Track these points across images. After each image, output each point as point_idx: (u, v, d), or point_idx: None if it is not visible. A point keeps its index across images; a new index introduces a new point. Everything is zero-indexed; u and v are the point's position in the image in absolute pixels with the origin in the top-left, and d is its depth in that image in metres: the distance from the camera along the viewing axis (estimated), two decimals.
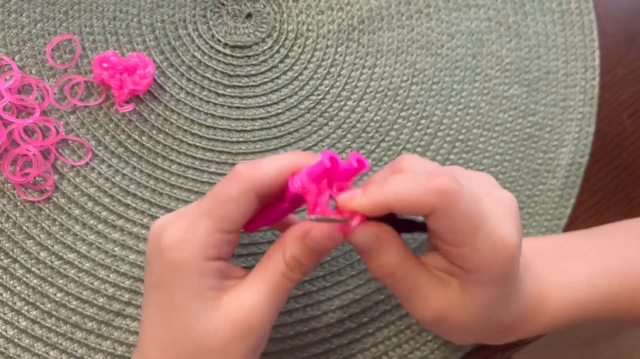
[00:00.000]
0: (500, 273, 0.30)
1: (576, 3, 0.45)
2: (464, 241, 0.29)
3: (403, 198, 0.28)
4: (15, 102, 0.38)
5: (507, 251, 0.30)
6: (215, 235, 0.30)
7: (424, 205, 0.28)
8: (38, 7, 0.40)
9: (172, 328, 0.30)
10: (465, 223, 0.29)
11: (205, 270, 0.30)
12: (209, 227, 0.30)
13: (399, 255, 0.31)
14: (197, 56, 0.41)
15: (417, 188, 0.28)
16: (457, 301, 0.31)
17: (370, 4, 0.43)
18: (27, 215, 0.38)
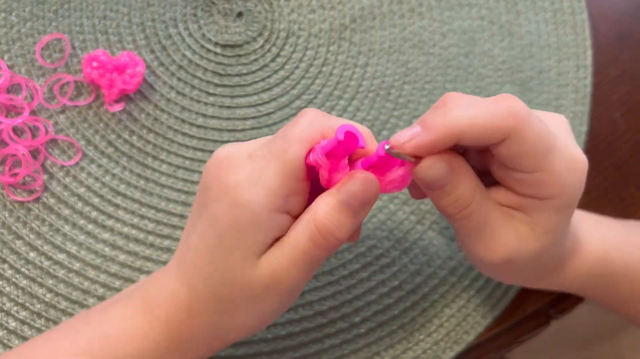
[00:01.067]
0: (577, 193, 0.29)
1: (569, 2, 0.45)
2: (540, 164, 0.27)
3: (476, 123, 0.26)
4: (4, 102, 0.38)
5: (581, 168, 0.29)
6: (285, 183, 0.27)
7: (498, 128, 0.26)
8: (27, 6, 0.40)
9: (218, 267, 0.29)
10: (540, 144, 0.27)
11: (268, 223, 0.28)
12: (279, 172, 0.27)
13: (474, 184, 0.28)
14: (188, 55, 0.41)
15: (489, 111, 0.26)
16: (527, 235, 0.30)
17: (362, 2, 0.43)
18: (17, 215, 0.38)
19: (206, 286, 0.29)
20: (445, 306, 0.40)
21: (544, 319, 0.42)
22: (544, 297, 0.42)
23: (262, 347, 0.39)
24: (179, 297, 0.30)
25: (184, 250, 0.31)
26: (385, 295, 0.40)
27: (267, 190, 0.27)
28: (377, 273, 0.40)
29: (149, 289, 0.31)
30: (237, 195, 0.27)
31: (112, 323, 0.31)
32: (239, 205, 0.27)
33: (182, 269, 0.30)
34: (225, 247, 0.28)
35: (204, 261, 0.29)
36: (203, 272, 0.29)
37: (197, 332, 0.30)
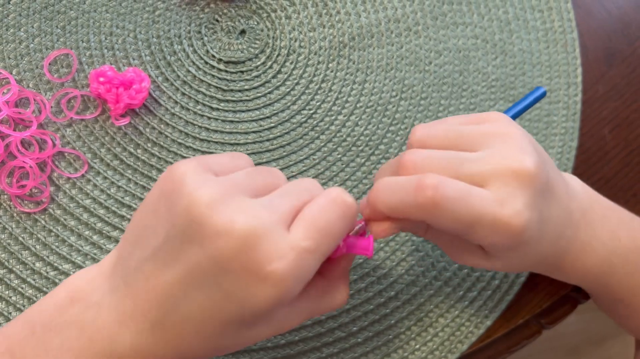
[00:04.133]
0: (511, 247, 0.31)
1: (559, 22, 0.47)
2: (464, 234, 0.31)
3: (396, 211, 0.31)
4: (13, 115, 0.39)
5: (512, 231, 0.30)
6: (317, 267, 0.28)
7: (415, 218, 0.31)
8: (36, 22, 0.41)
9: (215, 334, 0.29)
10: (458, 225, 0.30)
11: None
12: (318, 265, 0.28)
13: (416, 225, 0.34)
14: (192, 71, 0.42)
15: (405, 201, 0.30)
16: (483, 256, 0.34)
17: (360, 21, 0.44)
18: (23, 226, 0.39)
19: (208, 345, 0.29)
20: (440, 316, 0.41)
21: (536, 329, 0.43)
22: (536, 307, 0.43)
23: (262, 356, 0.40)
24: (152, 353, 0.29)
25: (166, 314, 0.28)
26: (382, 305, 0.41)
27: (305, 281, 0.28)
28: (374, 284, 0.41)
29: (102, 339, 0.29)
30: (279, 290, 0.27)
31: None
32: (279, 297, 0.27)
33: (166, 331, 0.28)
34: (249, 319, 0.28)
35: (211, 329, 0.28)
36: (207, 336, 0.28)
37: None
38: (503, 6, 0.46)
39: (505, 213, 0.30)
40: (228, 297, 0.27)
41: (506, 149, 0.31)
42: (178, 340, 0.28)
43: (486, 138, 0.31)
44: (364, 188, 0.42)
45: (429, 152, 0.32)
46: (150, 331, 0.28)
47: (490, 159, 0.30)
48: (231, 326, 0.28)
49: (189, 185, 0.27)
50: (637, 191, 0.46)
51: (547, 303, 0.43)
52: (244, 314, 0.28)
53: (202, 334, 0.28)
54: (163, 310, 0.28)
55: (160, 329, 0.28)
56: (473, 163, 0.30)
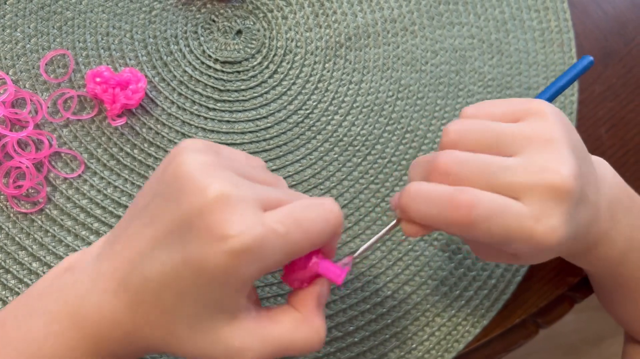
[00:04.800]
0: (543, 256, 0.32)
1: (556, 21, 0.47)
2: (497, 245, 0.31)
3: (428, 222, 0.30)
4: (9, 116, 0.39)
5: (546, 246, 0.29)
6: (273, 269, 0.27)
7: (448, 232, 0.31)
8: (32, 22, 0.41)
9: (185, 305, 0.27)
10: (492, 240, 0.30)
11: (245, 296, 0.28)
12: (281, 260, 0.27)
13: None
14: (188, 71, 0.42)
15: (439, 216, 0.29)
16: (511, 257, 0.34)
17: (357, 21, 0.44)
18: (20, 226, 0.39)
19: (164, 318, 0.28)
20: (436, 315, 0.41)
21: (533, 328, 0.43)
22: (532, 307, 0.43)
23: None
24: (119, 318, 0.28)
25: (129, 268, 0.28)
26: (379, 304, 0.41)
27: (263, 271, 0.27)
28: (370, 283, 0.41)
29: (76, 303, 0.29)
30: (238, 264, 0.26)
31: (37, 343, 0.29)
32: (237, 273, 0.26)
33: (128, 292, 0.28)
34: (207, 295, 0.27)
35: (170, 297, 0.27)
36: (165, 305, 0.27)
37: (132, 349, 0.29)
38: (499, 6, 0.46)
39: (541, 229, 0.29)
40: (186, 261, 0.26)
41: (545, 158, 0.29)
42: (137, 307, 0.28)
43: (525, 142, 0.30)
44: (361, 187, 0.43)
45: (464, 156, 0.30)
46: (114, 292, 0.28)
47: (527, 169, 0.29)
48: (187, 302, 0.27)
49: (188, 151, 0.28)
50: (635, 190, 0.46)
51: (544, 303, 0.43)
52: (200, 288, 0.26)
53: (160, 306, 0.27)
54: (129, 269, 0.28)
55: (123, 291, 0.28)
56: (509, 172, 0.29)
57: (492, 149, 0.30)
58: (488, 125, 0.31)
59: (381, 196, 0.43)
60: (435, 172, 0.30)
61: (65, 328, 0.29)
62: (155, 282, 0.27)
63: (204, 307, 0.27)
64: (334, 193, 0.42)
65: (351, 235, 0.42)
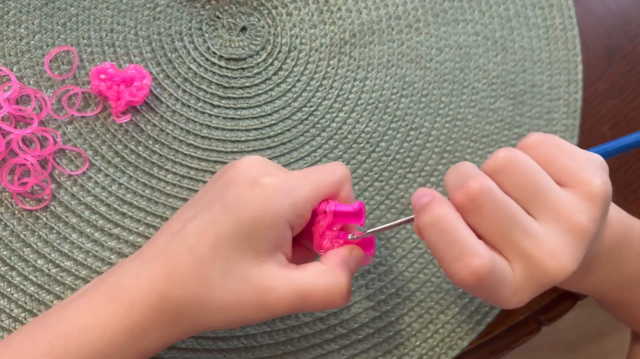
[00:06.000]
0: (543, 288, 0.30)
1: (560, 19, 0.47)
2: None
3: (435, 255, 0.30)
4: (14, 113, 0.39)
5: (555, 281, 0.29)
6: (307, 207, 0.32)
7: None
8: (36, 19, 0.41)
9: (222, 252, 0.30)
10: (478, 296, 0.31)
11: (282, 232, 0.31)
12: (309, 194, 0.32)
13: None
14: (193, 68, 0.42)
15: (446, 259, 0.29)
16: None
17: (361, 18, 0.44)
18: (25, 223, 0.39)
19: (195, 268, 0.30)
20: (440, 312, 0.42)
21: (535, 326, 0.43)
22: (535, 305, 0.43)
23: (264, 352, 0.40)
24: (153, 279, 0.30)
25: (171, 237, 0.31)
26: (383, 302, 0.41)
27: (294, 203, 0.31)
28: (375, 281, 0.41)
29: (116, 277, 0.31)
30: (268, 195, 0.30)
31: (72, 319, 0.31)
32: (267, 203, 0.30)
33: (165, 255, 0.31)
34: (238, 237, 0.30)
35: (204, 246, 0.30)
36: (199, 256, 0.30)
37: (163, 319, 0.30)
38: (504, 3, 0.46)
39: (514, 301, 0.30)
40: (225, 207, 0.30)
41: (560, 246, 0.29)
42: (173, 265, 0.30)
43: (555, 216, 0.29)
44: (365, 184, 0.43)
45: (499, 195, 0.29)
46: (154, 258, 0.31)
47: (539, 247, 0.29)
48: (223, 245, 0.30)
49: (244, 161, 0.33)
50: (635, 188, 0.46)
51: (547, 300, 0.43)
52: (236, 227, 0.30)
53: (195, 258, 0.30)
54: (170, 235, 0.31)
55: (162, 257, 0.31)
56: (526, 241, 0.29)
57: (524, 199, 0.29)
58: (536, 175, 0.30)
59: (385, 193, 0.43)
60: (463, 190, 0.29)
61: (103, 300, 0.31)
62: (193, 236, 0.30)
63: (237, 250, 0.30)
64: None
65: None
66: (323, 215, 0.33)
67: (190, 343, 0.39)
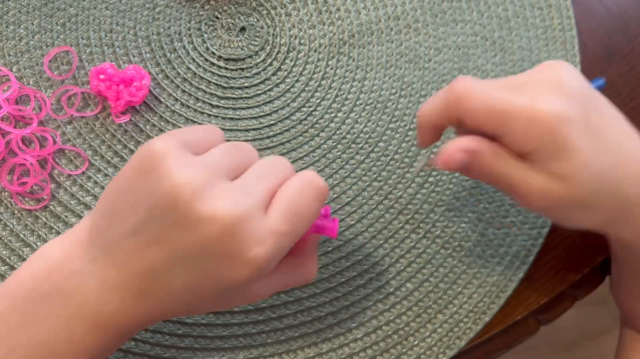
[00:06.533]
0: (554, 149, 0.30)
1: (559, 19, 0.47)
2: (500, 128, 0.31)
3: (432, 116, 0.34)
4: (13, 112, 0.39)
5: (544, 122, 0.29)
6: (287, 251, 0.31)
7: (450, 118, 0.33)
8: (36, 19, 0.41)
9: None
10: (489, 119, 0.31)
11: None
12: (290, 246, 0.31)
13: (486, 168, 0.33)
14: (192, 68, 0.42)
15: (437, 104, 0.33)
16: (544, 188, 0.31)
17: (360, 18, 0.44)
18: (24, 223, 0.39)
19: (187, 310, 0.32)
20: (438, 312, 0.42)
21: (533, 325, 0.43)
22: (533, 304, 0.43)
23: (262, 352, 0.40)
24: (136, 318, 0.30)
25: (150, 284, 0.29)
26: (380, 302, 0.41)
27: (276, 262, 0.31)
28: (372, 280, 0.42)
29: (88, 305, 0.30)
30: (259, 267, 0.29)
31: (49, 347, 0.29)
32: (258, 274, 0.29)
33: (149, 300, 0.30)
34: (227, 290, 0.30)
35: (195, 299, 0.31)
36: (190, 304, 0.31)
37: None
38: (502, 3, 0.46)
39: (539, 105, 0.30)
40: (209, 276, 0.29)
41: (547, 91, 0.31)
42: (161, 306, 0.30)
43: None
44: (363, 185, 0.43)
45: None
46: (134, 299, 0.30)
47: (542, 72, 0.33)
48: (209, 297, 0.31)
49: (171, 168, 0.28)
50: None
51: (545, 300, 0.43)
52: (222, 289, 0.30)
53: (183, 302, 0.31)
54: (147, 281, 0.29)
55: (144, 297, 0.30)
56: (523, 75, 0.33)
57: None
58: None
59: (384, 193, 0.43)
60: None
61: (87, 331, 0.30)
62: (179, 291, 0.30)
63: (226, 296, 0.31)
64: (336, 190, 0.42)
65: (354, 232, 0.42)
66: None
67: (189, 342, 0.39)
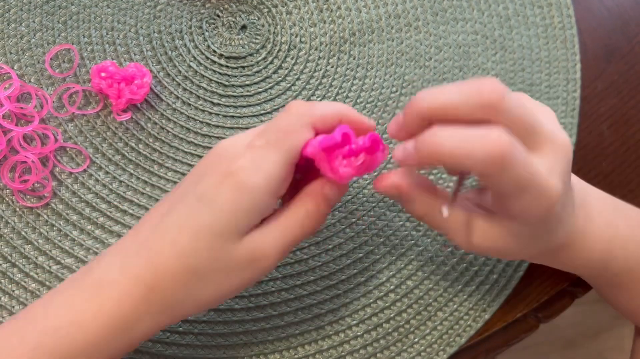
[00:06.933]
0: (539, 217, 0.31)
1: (559, 18, 0.47)
2: (510, 199, 0.30)
3: (455, 158, 0.28)
4: (15, 110, 0.39)
5: (548, 201, 0.30)
6: (283, 170, 0.31)
7: (474, 168, 0.28)
8: (37, 17, 0.41)
9: (203, 244, 0.30)
10: (514, 188, 0.29)
11: (265, 206, 0.31)
12: (278, 160, 0.30)
13: (424, 207, 0.33)
14: (193, 66, 0.42)
15: (470, 147, 0.27)
16: (491, 236, 0.33)
17: (361, 17, 0.44)
18: (26, 220, 0.39)
19: (181, 261, 0.30)
20: (438, 309, 0.42)
21: (533, 323, 0.43)
22: (533, 302, 0.43)
23: (262, 349, 0.40)
24: (139, 273, 0.30)
25: (150, 231, 0.31)
26: (381, 299, 0.42)
27: (268, 176, 0.30)
28: (373, 278, 0.42)
29: (100, 272, 0.31)
30: (240, 180, 0.30)
31: (59, 313, 0.31)
32: (241, 188, 0.30)
33: (147, 247, 0.31)
34: (219, 225, 0.30)
35: (185, 238, 0.30)
36: (181, 248, 0.30)
37: (153, 309, 0.31)
38: (503, 2, 0.46)
39: (552, 181, 0.30)
40: (200, 199, 0.30)
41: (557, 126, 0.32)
42: (157, 257, 0.30)
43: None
44: (364, 183, 0.43)
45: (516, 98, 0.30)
46: (135, 254, 0.31)
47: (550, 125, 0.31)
48: (204, 235, 0.30)
49: None
50: (634, 187, 0.47)
51: (545, 297, 0.44)
52: (213, 218, 0.30)
53: (178, 246, 0.30)
54: (150, 231, 0.31)
55: (144, 249, 0.31)
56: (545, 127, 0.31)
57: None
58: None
59: None
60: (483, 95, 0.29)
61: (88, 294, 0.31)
62: (172, 229, 0.31)
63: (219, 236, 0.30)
64: None
65: (355, 229, 0.42)
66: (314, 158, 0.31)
67: (190, 339, 0.39)
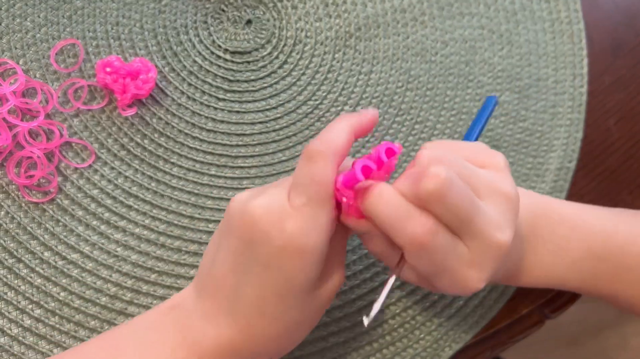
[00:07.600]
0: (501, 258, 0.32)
1: (566, 12, 0.46)
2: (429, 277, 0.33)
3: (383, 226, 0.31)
4: (20, 106, 0.39)
5: (498, 252, 0.31)
6: (331, 219, 0.31)
7: (397, 242, 0.31)
8: (42, 11, 0.41)
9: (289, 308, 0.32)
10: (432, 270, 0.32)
11: (323, 259, 0.32)
12: (326, 214, 0.31)
13: (380, 247, 0.34)
14: (198, 61, 0.42)
15: (396, 225, 0.30)
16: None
17: (366, 11, 0.44)
18: (31, 216, 0.39)
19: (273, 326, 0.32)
20: (445, 306, 0.42)
21: (538, 319, 0.43)
22: (539, 298, 0.43)
23: None
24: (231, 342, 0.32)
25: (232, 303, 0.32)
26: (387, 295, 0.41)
27: (322, 231, 0.31)
28: (379, 274, 0.42)
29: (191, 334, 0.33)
30: (298, 246, 0.30)
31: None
32: (302, 252, 0.30)
33: (235, 317, 0.32)
34: (298, 283, 0.31)
35: (271, 307, 0.32)
36: (270, 314, 0.32)
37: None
38: None
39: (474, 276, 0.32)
40: (268, 268, 0.31)
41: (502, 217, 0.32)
42: (249, 326, 0.32)
43: (491, 193, 0.32)
44: None
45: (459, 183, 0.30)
46: (225, 323, 0.32)
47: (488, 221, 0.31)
48: (287, 297, 0.31)
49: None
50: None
51: (550, 294, 0.44)
52: (287, 279, 0.31)
53: (267, 314, 0.32)
54: (230, 300, 0.32)
55: (233, 319, 0.32)
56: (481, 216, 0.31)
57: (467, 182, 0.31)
58: (464, 161, 0.32)
59: None
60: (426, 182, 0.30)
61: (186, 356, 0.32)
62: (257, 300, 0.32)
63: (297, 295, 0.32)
64: None
65: None
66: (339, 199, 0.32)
67: None
